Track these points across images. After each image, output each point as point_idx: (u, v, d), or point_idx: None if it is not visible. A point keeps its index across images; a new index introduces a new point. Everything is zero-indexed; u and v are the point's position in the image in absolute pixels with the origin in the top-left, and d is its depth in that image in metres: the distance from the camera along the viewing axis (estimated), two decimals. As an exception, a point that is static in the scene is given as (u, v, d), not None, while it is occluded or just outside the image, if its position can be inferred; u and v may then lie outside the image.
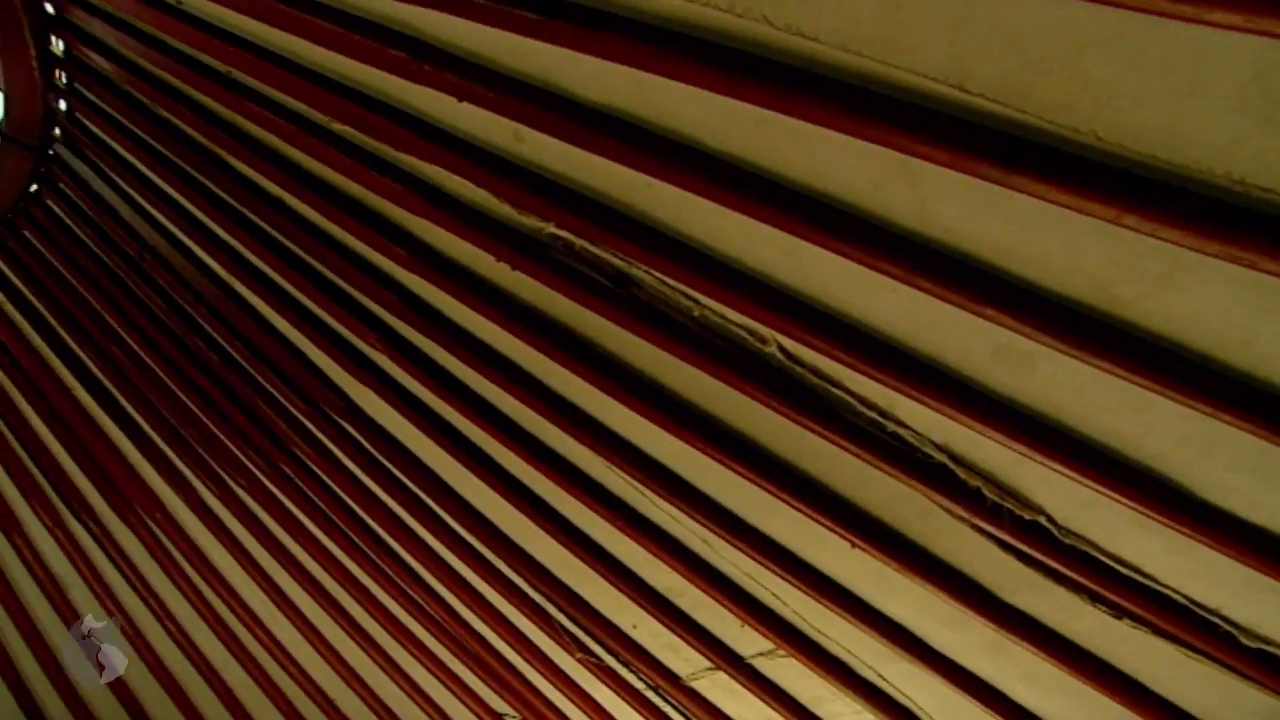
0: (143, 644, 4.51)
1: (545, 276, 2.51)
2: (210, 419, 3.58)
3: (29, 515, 4.18)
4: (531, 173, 2.34)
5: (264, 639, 4.24)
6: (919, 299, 1.99)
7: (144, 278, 3.35)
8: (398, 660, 4.00)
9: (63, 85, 3.10)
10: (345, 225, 2.73)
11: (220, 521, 3.92)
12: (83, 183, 3.32)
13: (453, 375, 2.91)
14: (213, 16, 2.61)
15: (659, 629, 3.22)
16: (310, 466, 3.48)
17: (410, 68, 2.23)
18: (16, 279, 3.60)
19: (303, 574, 3.86)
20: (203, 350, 3.40)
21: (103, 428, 3.85)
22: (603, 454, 2.83)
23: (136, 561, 4.22)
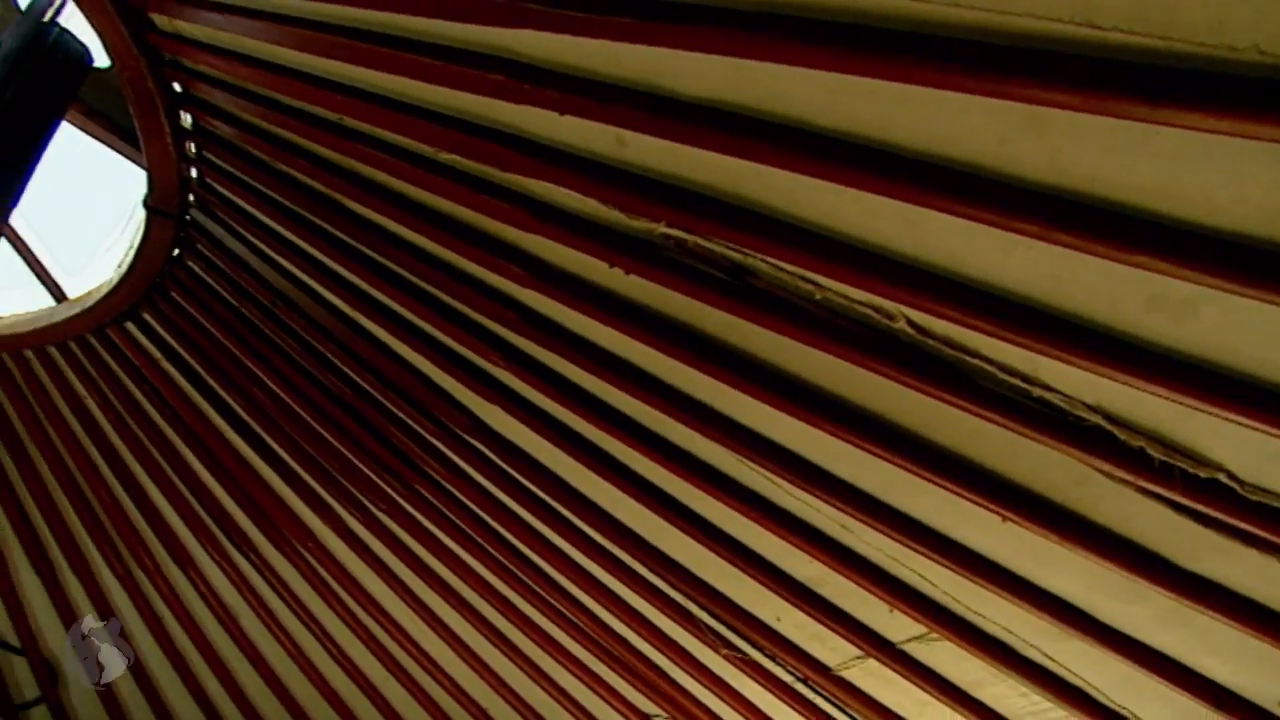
0: (307, 665, 4.78)
1: (660, 277, 2.53)
2: (348, 449, 3.77)
3: (199, 551, 4.50)
4: (637, 175, 2.36)
5: (416, 654, 4.42)
6: (1058, 254, 1.90)
7: (278, 323, 3.56)
8: (544, 667, 4.10)
9: (193, 155, 3.33)
10: (459, 250, 2.83)
11: (365, 545, 4.11)
12: (217, 242, 3.56)
13: (576, 384, 2.96)
14: (318, 69, 2.75)
15: (803, 620, 3.18)
16: (444, 486, 3.62)
17: (510, 89, 2.28)
18: (169, 337, 3.90)
19: (446, 590, 4.01)
20: (336, 385, 3.59)
21: (254, 466, 4.11)
22: (732, 447, 2.81)
23: (294, 588, 4.48)
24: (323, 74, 2.75)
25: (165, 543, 4.56)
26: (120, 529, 4.59)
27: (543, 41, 2.16)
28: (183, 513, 4.41)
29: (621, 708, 4.05)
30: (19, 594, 4.93)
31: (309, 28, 2.61)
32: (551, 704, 4.28)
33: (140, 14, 2.97)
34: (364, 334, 3.35)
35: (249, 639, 4.83)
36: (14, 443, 4.45)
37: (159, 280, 3.76)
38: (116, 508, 4.54)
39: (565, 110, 2.25)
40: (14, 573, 4.86)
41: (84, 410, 4.29)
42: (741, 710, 3.67)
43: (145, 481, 4.41)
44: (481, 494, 3.51)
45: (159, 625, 4.94)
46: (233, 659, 4.95)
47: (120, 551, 4.69)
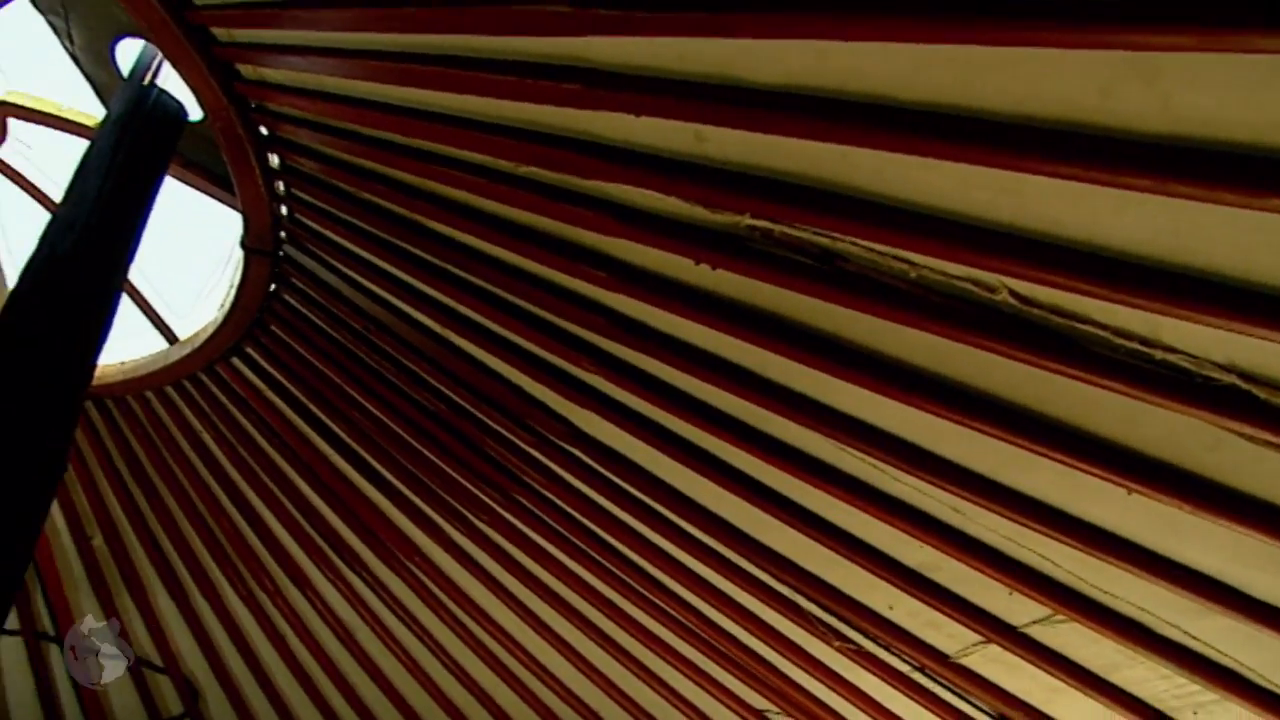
0: (422, 676, 4.93)
1: (747, 269, 2.50)
2: (447, 464, 3.87)
3: (314, 571, 4.70)
4: (718, 169, 2.34)
5: (525, 660, 4.50)
6: (1177, 207, 1.79)
7: (372, 347, 3.68)
8: (653, 668, 4.11)
9: (282, 193, 3.48)
10: (544, 260, 2.87)
11: (470, 557, 4.21)
12: (310, 274, 3.71)
13: (669, 384, 2.96)
14: (395, 97, 2.83)
15: (917, 607, 3.09)
16: (544, 494, 3.67)
17: (585, 96, 2.30)
18: (272, 369, 4.08)
19: (552, 596, 4.07)
20: (432, 402, 3.69)
21: (359, 487, 4.26)
22: (832, 435, 2.77)
23: (405, 602, 4.62)
24: (399, 102, 2.82)
25: (283, 565, 4.77)
26: (241, 554, 4.82)
27: (614, 46, 2.17)
28: (297, 536, 4.61)
29: (734, 705, 4.03)
30: (158, 618, 5.24)
31: (383, 58, 2.69)
32: (663, 704, 4.29)
33: (227, 66, 3.11)
34: (456, 351, 3.44)
35: (365, 653, 5.01)
36: (143, 479, 4.74)
37: (259, 316, 3.94)
38: (236, 534, 4.77)
39: (641, 112, 2.25)
40: (152, 598, 5.17)
41: (201, 444, 4.53)
42: (858, 703, 3.60)
43: (261, 508, 4.62)
44: (581, 500, 3.55)
45: (282, 643, 5.17)
46: (352, 672, 5.14)
47: (243, 575, 4.93)
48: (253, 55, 3.04)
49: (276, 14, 2.77)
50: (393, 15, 2.49)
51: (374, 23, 2.57)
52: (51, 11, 3.51)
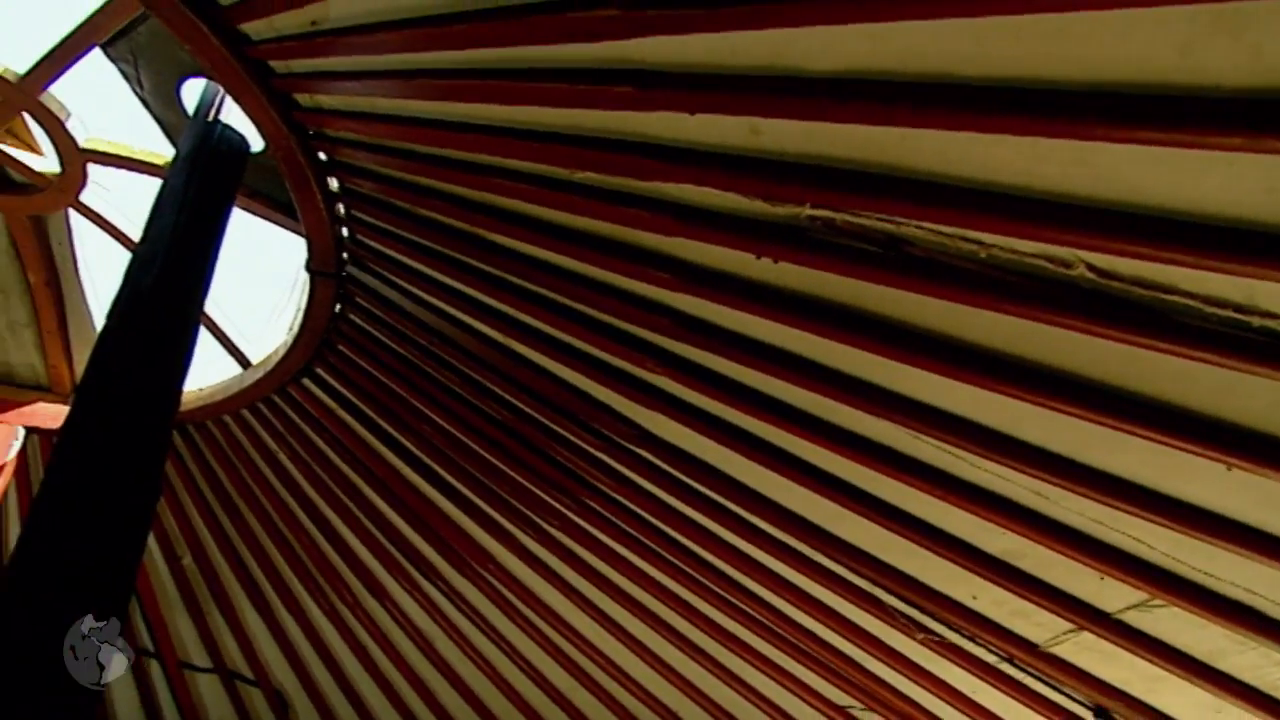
0: (500, 680, 4.99)
1: (810, 260, 2.47)
2: (516, 471, 3.92)
3: (391, 583, 4.81)
4: (776, 161, 2.32)
5: (601, 662, 4.52)
6: (1270, 164, 1.71)
7: (438, 360, 3.75)
8: (730, 667, 4.09)
9: (343, 215, 3.57)
10: (604, 264, 2.88)
11: (543, 562, 4.25)
12: (373, 292, 3.79)
13: (735, 380, 2.95)
14: (448, 113, 2.87)
15: (1003, 596, 3.01)
16: (614, 497, 3.69)
17: (638, 98, 2.30)
18: (342, 387, 4.19)
19: (626, 598, 4.08)
20: (499, 412, 3.73)
21: (431, 499, 4.34)
22: (905, 423, 2.71)
23: (480, 609, 4.69)
24: (452, 117, 2.87)
25: (361, 577, 4.89)
26: (321, 568, 4.96)
27: (665, 45, 2.17)
28: (373, 549, 4.71)
29: (816, 702, 3.99)
30: (246, 632, 5.42)
31: (434, 76, 2.73)
32: (742, 703, 4.27)
33: (286, 96, 3.20)
34: (520, 359, 3.47)
35: (444, 659, 5.10)
36: (225, 500, 4.91)
37: (327, 336, 4.05)
38: (316, 549, 4.91)
39: (696, 109, 2.24)
40: (240, 614, 5.36)
41: (278, 464, 4.67)
42: (944, 696, 3.52)
43: (337, 523, 4.74)
44: (652, 501, 3.55)
45: (364, 653, 5.30)
46: (432, 679, 5.24)
47: (324, 588, 5.07)
48: (309, 84, 3.12)
49: (330, 42, 2.84)
50: (442, 33, 2.53)
51: (424, 42, 2.61)
52: (122, 60, 3.66)
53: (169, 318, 2.87)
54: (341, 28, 2.76)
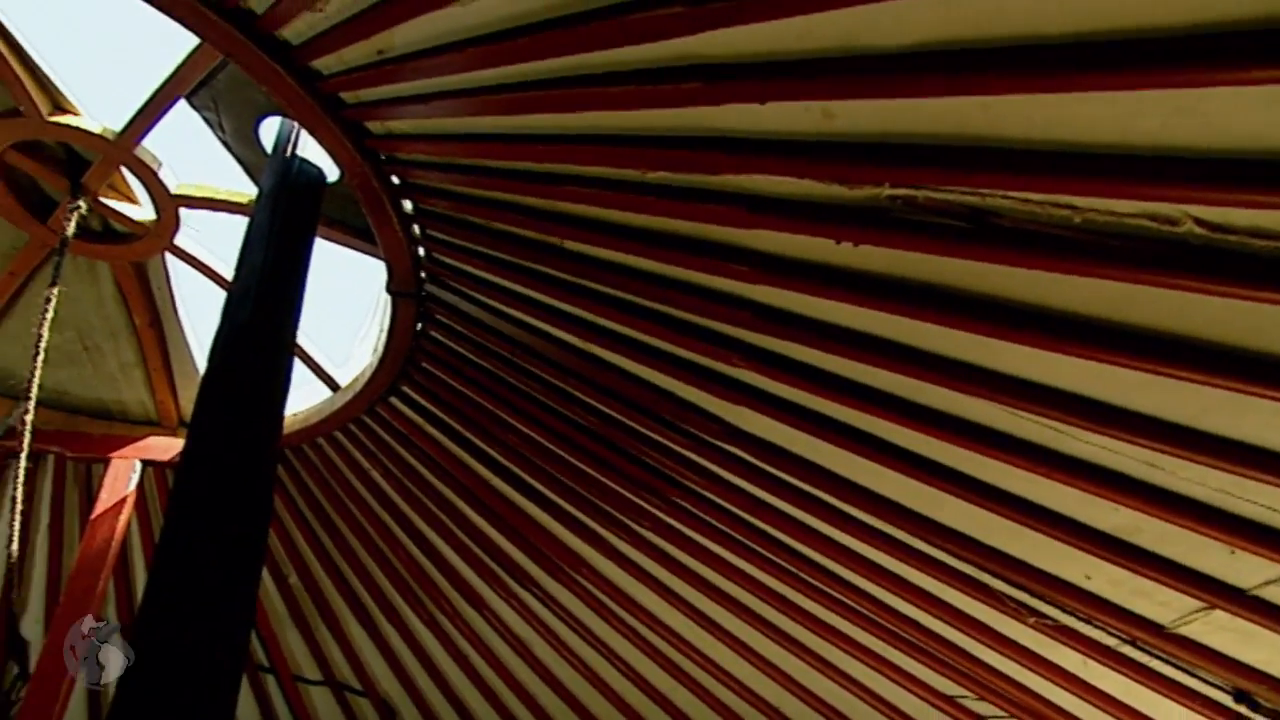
0: (600, 683, 5.04)
1: (892, 240, 2.42)
2: (605, 475, 3.95)
3: (488, 591, 4.91)
4: (851, 144, 2.28)
5: (700, 661, 4.52)
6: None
7: (520, 370, 3.81)
8: (832, 660, 4.03)
9: (419, 236, 3.67)
10: (681, 262, 2.88)
11: (636, 564, 4.28)
12: (453, 308, 3.88)
13: (821, 369, 2.91)
14: (517, 126, 2.92)
15: (1119, 574, 2.89)
16: (704, 495, 3.68)
17: (706, 93, 2.29)
18: (428, 404, 4.31)
19: (721, 595, 4.07)
20: (584, 417, 3.77)
21: (522, 507, 4.42)
22: (1002, 400, 2.63)
23: (576, 613, 4.75)
24: (520, 130, 2.91)
25: (458, 587, 5.00)
26: (419, 580, 5.10)
27: (730, 37, 2.15)
28: (468, 559, 4.82)
29: (921, 692, 3.90)
30: (352, 645, 5.62)
31: (500, 91, 2.78)
32: (845, 695, 4.20)
33: (357, 125, 3.31)
34: (602, 364, 3.51)
35: (543, 664, 5.18)
36: (325, 519, 5.10)
37: (410, 355, 4.16)
38: (412, 562, 5.05)
39: (766, 98, 2.22)
40: (345, 627, 5.55)
41: (372, 482, 4.83)
42: (1060, 681, 3.40)
43: (432, 536, 4.87)
44: (742, 496, 3.54)
45: (465, 661, 5.42)
46: (532, 685, 5.33)
47: (422, 600, 5.21)
48: (379, 111, 3.22)
49: (397, 69, 2.92)
50: (505, 49, 2.57)
51: (488, 59, 2.66)
52: (205, 107, 3.85)
53: (267, 348, 2.99)
54: (407, 54, 2.84)
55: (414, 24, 2.67)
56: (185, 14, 2.99)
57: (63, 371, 5.05)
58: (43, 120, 3.87)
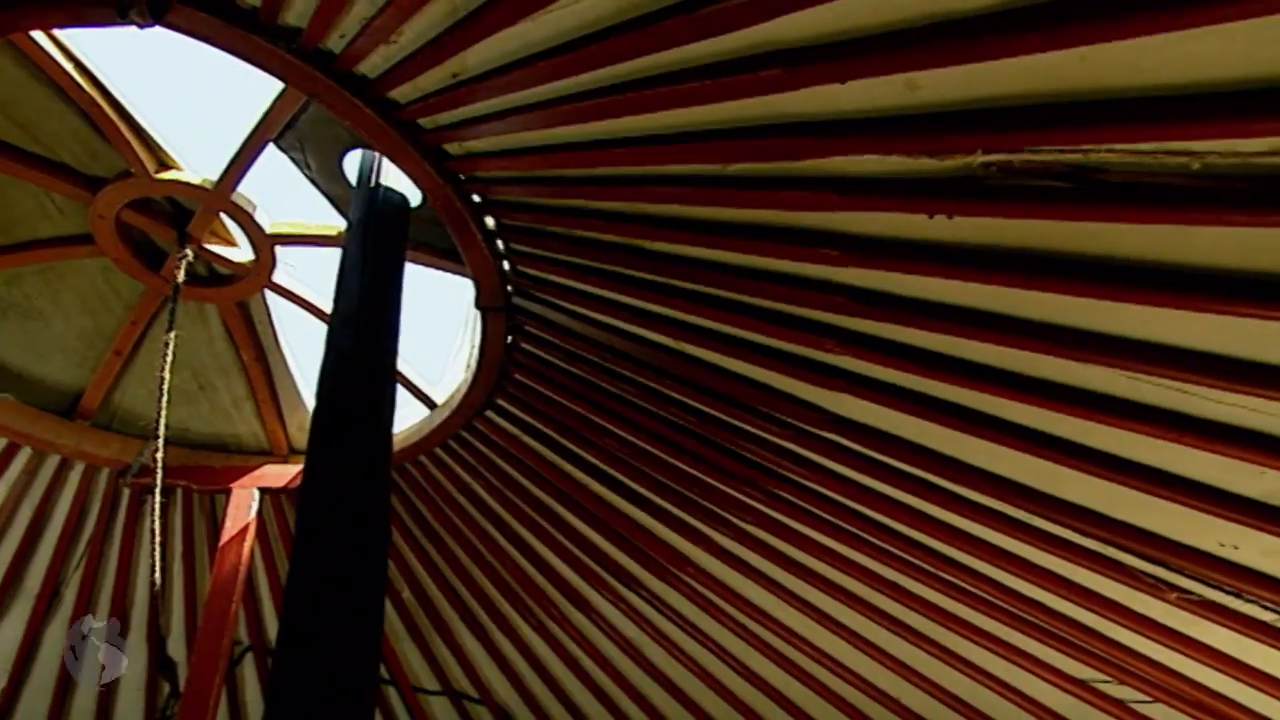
0: (712, 680, 5.03)
1: (989, 209, 2.33)
2: (704, 473, 3.94)
3: (594, 595, 4.96)
4: (939, 114, 2.20)
5: (814, 654, 4.45)
6: None
7: (612, 375, 3.84)
8: (954, 648, 3.91)
9: (503, 251, 3.74)
10: (769, 252, 2.84)
11: (741, 559, 4.25)
12: (541, 319, 3.94)
13: (921, 348, 2.82)
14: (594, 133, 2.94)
15: (1271, 543, 2.70)
16: (807, 485, 3.63)
17: (786, 79, 2.26)
18: (524, 415, 4.39)
19: (833, 587, 4.00)
20: (679, 416, 3.77)
21: (622, 510, 4.45)
22: (1120, 365, 2.49)
23: (684, 612, 4.75)
24: (597, 136, 2.93)
25: (564, 593, 5.08)
26: (526, 588, 5.20)
27: (805, 19, 2.11)
28: (573, 565, 4.89)
29: (1052, 677, 3.73)
30: (467, 655, 5.77)
31: (576, 100, 2.80)
32: (968, 683, 4.06)
33: (436, 148, 3.40)
34: (694, 361, 3.50)
35: (654, 665, 5.20)
36: (431, 534, 5.26)
37: (503, 368, 4.25)
38: (519, 571, 5.15)
39: (847, 77, 2.17)
40: (458, 637, 5.71)
41: (474, 495, 4.95)
42: (1208, 660, 3.19)
43: (535, 544, 4.96)
44: (847, 484, 3.47)
45: (576, 665, 5.50)
46: (645, 686, 5.36)
47: (530, 606, 5.30)
48: (456, 133, 3.29)
49: (471, 90, 2.98)
50: (578, 57, 2.59)
51: (562, 69, 2.68)
52: (291, 149, 4.03)
53: (371, 373, 3.11)
54: (481, 74, 2.89)
55: (486, 44, 2.72)
56: (269, 61, 3.14)
57: (183, 410, 5.36)
58: (151, 178, 4.13)
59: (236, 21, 2.99)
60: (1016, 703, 3.90)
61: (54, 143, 4.08)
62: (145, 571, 5.65)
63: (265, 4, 2.89)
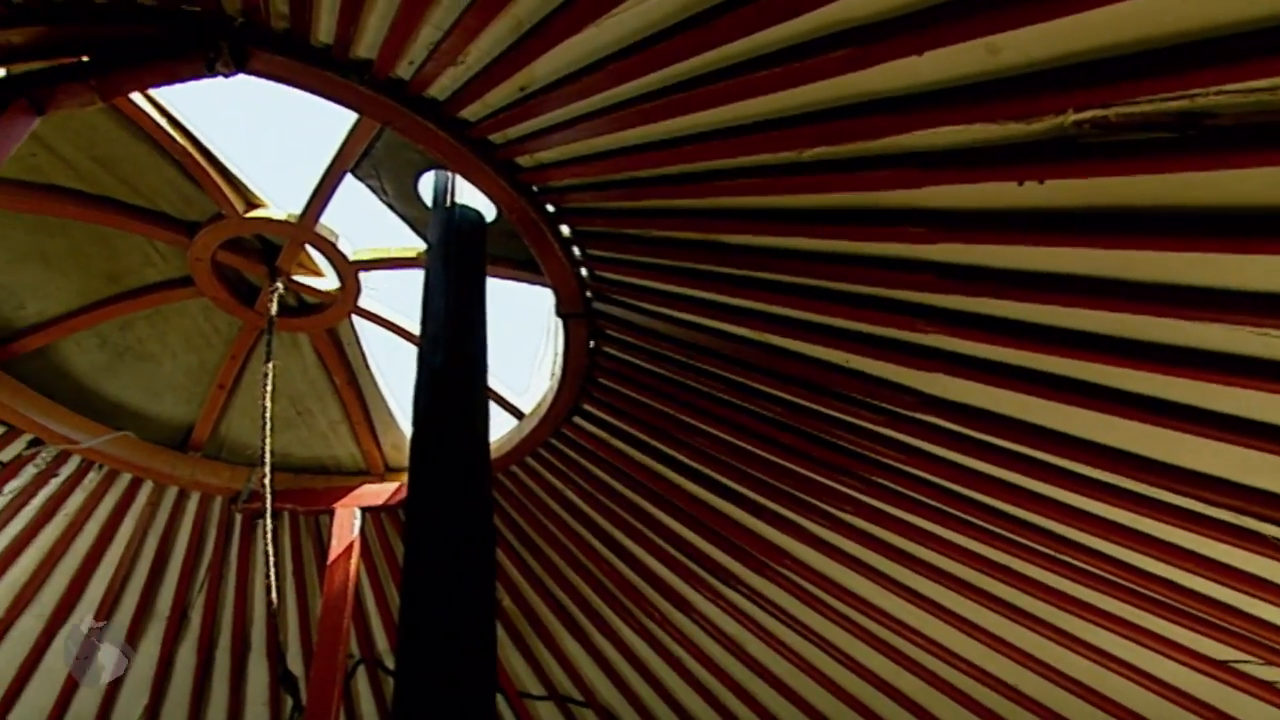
0: (818, 674, 4.95)
1: (1085, 168, 2.22)
2: (797, 464, 3.88)
3: (693, 594, 4.96)
4: (1023, 76, 2.11)
5: (924, 644, 4.33)
6: None
7: (698, 372, 3.83)
8: (1073, 631, 3.74)
9: (580, 257, 3.78)
10: (851, 235, 2.78)
11: (841, 550, 4.17)
12: (622, 321, 3.96)
13: (1020, 321, 2.71)
14: (664, 131, 2.93)
15: None
16: (906, 470, 3.53)
17: (858, 57, 2.20)
18: (611, 418, 4.42)
19: (939, 573, 3.88)
20: (769, 408, 3.73)
21: (716, 507, 4.43)
22: (1247, 321, 2.34)
23: (785, 607, 4.69)
24: (669, 134, 2.92)
25: (663, 594, 5.09)
26: (624, 590, 5.23)
27: (877, -8, 2.06)
28: (668, 564, 4.89)
29: (1186, 658, 3.52)
30: (569, 659, 5.85)
31: (645, 100, 2.80)
32: (1092, 668, 3.88)
33: (509, 163, 3.45)
34: (781, 352, 3.45)
35: (757, 661, 5.16)
36: (527, 542, 5.35)
37: (588, 373, 4.29)
38: (614, 573, 5.19)
39: (924, 48, 2.10)
40: (560, 643, 5.79)
41: (567, 501, 5.01)
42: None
43: (631, 546, 4.98)
44: (947, 466, 3.36)
45: (679, 665, 5.50)
46: (750, 683, 5.32)
47: (629, 608, 5.34)
48: (527, 145, 3.34)
49: (540, 101, 3.02)
50: (644, 59, 2.58)
51: (629, 72, 2.68)
52: (368, 177, 4.17)
53: (464, 388, 3.17)
54: (549, 85, 2.93)
55: (551, 55, 2.75)
56: (343, 94, 3.25)
57: (284, 436, 5.61)
58: (241, 218, 4.34)
59: (310, 60, 3.11)
60: (1149, 687, 3.71)
61: (153, 194, 4.33)
62: (261, 591, 5.94)
63: (337, 40, 3.00)
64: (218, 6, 2.93)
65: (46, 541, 5.37)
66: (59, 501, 5.26)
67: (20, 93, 2.96)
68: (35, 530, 5.30)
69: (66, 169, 4.14)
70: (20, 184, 4.09)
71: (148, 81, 3.31)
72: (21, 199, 4.14)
